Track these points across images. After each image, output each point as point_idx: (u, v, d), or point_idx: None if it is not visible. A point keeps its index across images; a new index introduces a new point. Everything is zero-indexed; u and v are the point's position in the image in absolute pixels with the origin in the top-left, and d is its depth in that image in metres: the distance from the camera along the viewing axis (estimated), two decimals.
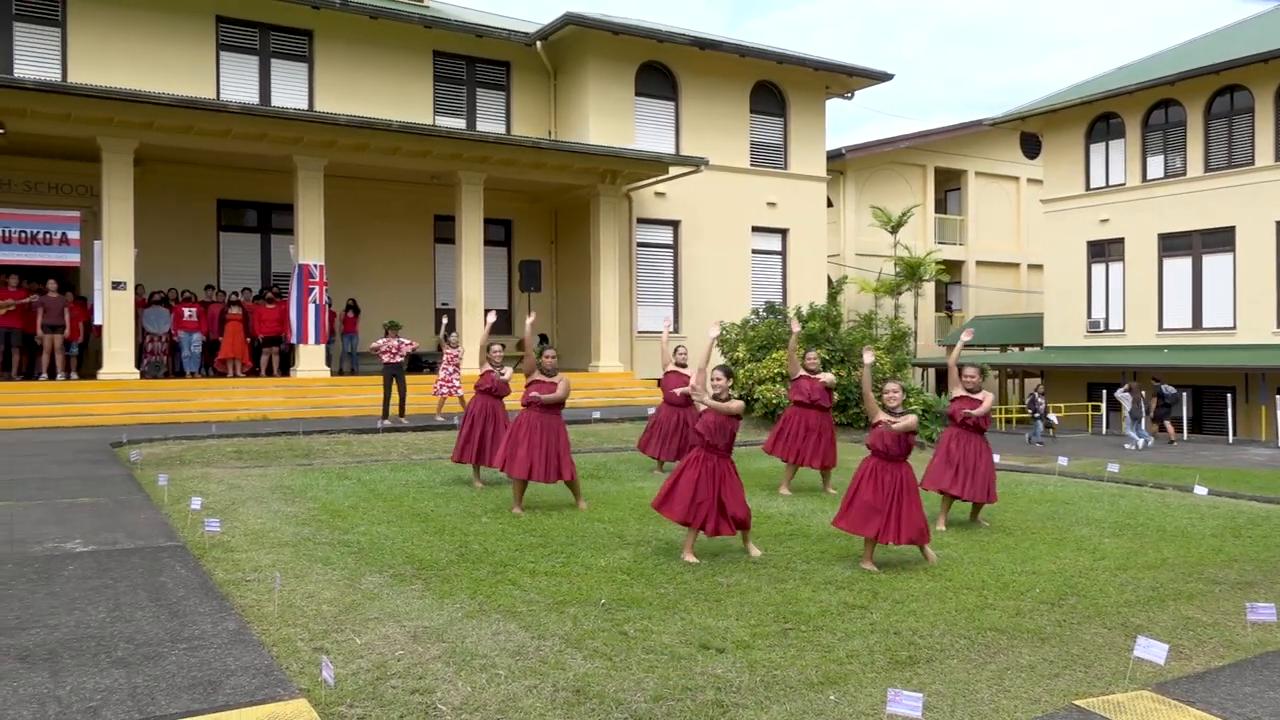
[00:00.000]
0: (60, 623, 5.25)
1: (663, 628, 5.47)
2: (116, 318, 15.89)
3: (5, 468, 10.40)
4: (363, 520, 8.37)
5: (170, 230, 18.39)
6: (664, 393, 11.92)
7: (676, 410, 11.67)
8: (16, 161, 17.11)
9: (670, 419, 11.69)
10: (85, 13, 17.96)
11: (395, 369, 14.94)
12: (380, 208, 20.63)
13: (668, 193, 22.10)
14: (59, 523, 7.78)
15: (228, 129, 16.44)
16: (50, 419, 14.31)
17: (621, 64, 21.69)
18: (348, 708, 4.25)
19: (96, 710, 4.10)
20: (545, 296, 22.29)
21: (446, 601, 5.90)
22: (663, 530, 8.18)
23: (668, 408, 11.78)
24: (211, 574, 6.37)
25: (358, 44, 20.35)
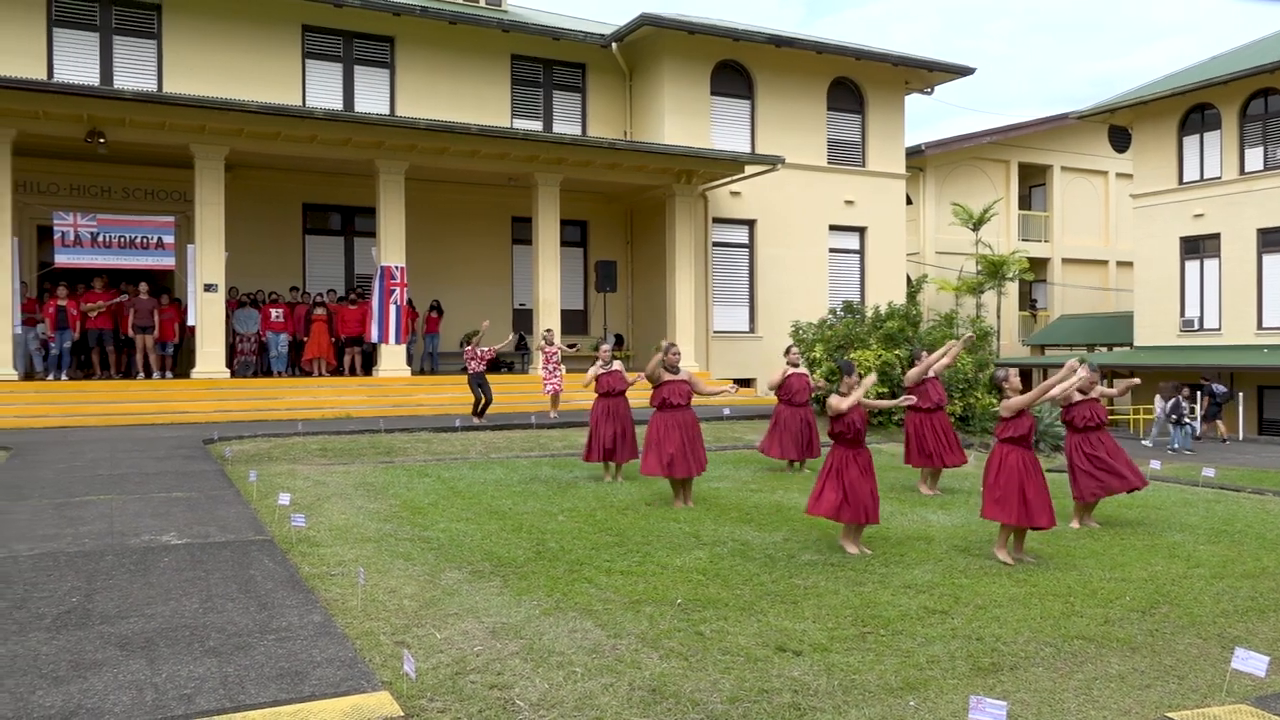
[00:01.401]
0: (156, 612, 5.45)
1: (739, 629, 5.44)
2: (208, 319, 16.47)
3: (106, 463, 10.85)
4: (442, 517, 8.51)
5: (258, 234, 18.98)
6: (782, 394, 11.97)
7: (798, 410, 11.72)
8: (116, 169, 17.85)
9: (794, 419, 11.73)
10: (179, 25, 18.64)
11: (479, 376, 15.12)
12: (459, 210, 20.96)
13: (743, 192, 21.99)
14: (155, 516, 8.08)
15: (313, 135, 16.90)
16: (147, 416, 14.89)
17: (697, 63, 21.66)
18: (428, 701, 4.33)
19: (190, 698, 4.25)
20: (621, 296, 22.39)
21: (524, 599, 5.96)
22: (739, 531, 8.15)
23: (789, 408, 11.81)
24: (298, 568, 6.54)
25: (437, 49, 20.71)
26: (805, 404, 11.92)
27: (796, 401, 11.86)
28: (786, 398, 11.95)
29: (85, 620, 5.28)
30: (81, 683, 4.38)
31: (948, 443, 10.42)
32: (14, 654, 4.73)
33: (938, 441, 10.39)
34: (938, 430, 10.43)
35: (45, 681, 4.39)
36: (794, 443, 11.77)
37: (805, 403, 11.92)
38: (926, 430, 10.45)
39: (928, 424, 10.46)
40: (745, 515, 8.93)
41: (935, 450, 10.39)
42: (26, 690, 4.28)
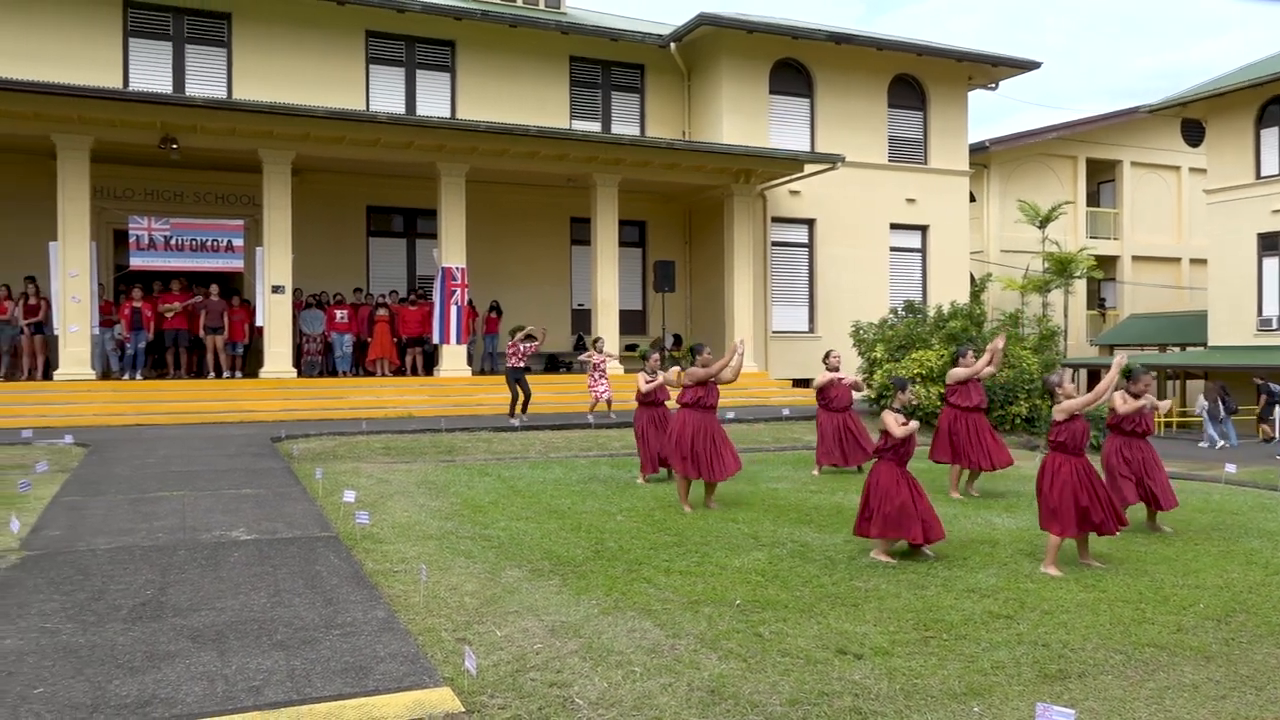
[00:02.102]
0: (226, 606, 5.59)
1: (798, 631, 5.40)
2: (276, 320, 16.85)
3: (179, 460, 11.16)
4: (502, 516, 8.60)
5: (324, 236, 19.35)
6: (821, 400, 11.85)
7: (837, 416, 11.61)
8: (188, 175, 18.35)
9: (830, 425, 11.62)
10: (248, 33, 19.10)
11: (518, 372, 15.23)
12: (518, 211, 21.14)
13: (803, 191, 21.83)
14: (225, 512, 8.29)
15: (376, 138, 17.20)
16: (218, 414, 15.28)
17: (755, 62, 21.56)
18: (489, 698, 4.37)
19: (259, 689, 4.35)
20: (679, 296, 22.37)
21: (583, 597, 5.99)
22: (798, 533, 8.10)
23: (826, 413, 11.71)
24: (362, 564, 6.66)
25: (497, 52, 20.92)
26: (845, 409, 11.78)
27: (835, 407, 11.74)
28: (825, 403, 11.84)
29: (159, 612, 5.44)
30: (156, 673, 4.51)
31: (979, 444, 10.16)
32: (93, 644, 4.90)
33: (969, 441, 10.18)
34: (970, 429, 10.21)
35: (122, 671, 4.53)
36: (832, 449, 11.63)
37: (845, 408, 11.77)
38: (960, 427, 10.24)
39: (963, 421, 10.26)
40: (805, 516, 8.87)
41: (963, 449, 10.18)
42: (104, 679, 4.43)
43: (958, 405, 10.23)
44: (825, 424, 11.75)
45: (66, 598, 5.71)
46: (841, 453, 11.63)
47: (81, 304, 15.67)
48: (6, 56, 17.20)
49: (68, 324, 15.61)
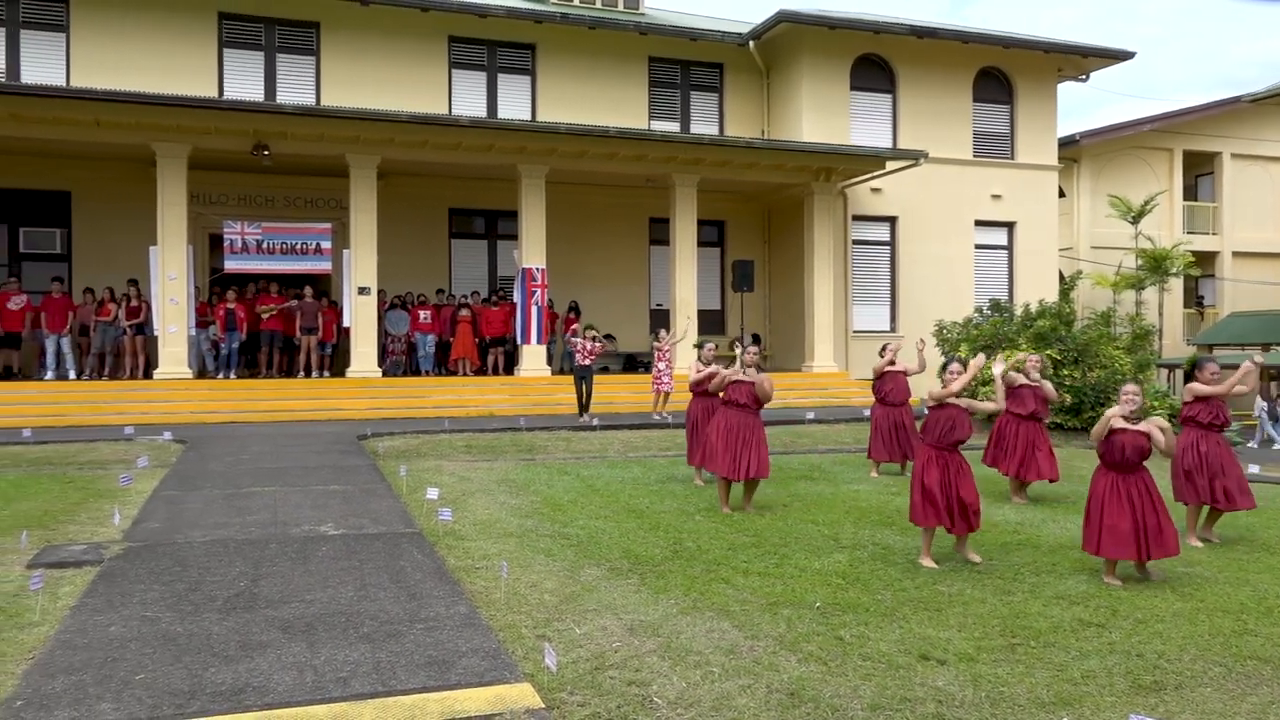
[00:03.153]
0: (315, 599, 5.75)
1: (880, 635, 5.32)
2: (362, 320, 17.28)
3: (270, 456, 11.52)
4: (581, 514, 8.66)
5: (407, 238, 19.76)
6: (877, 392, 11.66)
7: (891, 411, 11.41)
8: (278, 180, 18.92)
9: (885, 420, 11.43)
10: (336, 41, 19.61)
11: (584, 370, 15.36)
12: (598, 211, 21.27)
13: (884, 188, 21.50)
14: (314, 507, 8.53)
15: (458, 142, 17.50)
16: (307, 413, 15.72)
17: (836, 59, 21.30)
18: (568, 694, 4.41)
19: (346, 681, 4.46)
20: (758, 296, 22.24)
21: (661, 597, 6.00)
22: (879, 535, 7.98)
23: (882, 407, 11.53)
24: (445, 560, 6.78)
25: (576, 54, 21.08)
26: (900, 404, 11.55)
27: (890, 401, 11.51)
28: (881, 397, 11.64)
29: (252, 604, 5.62)
30: (249, 662, 4.67)
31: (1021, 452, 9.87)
32: (190, 633, 5.09)
33: (1016, 448, 9.90)
34: (1020, 437, 9.93)
35: (217, 660, 4.70)
36: (884, 445, 11.43)
37: (900, 403, 11.54)
38: (1009, 433, 10.00)
39: (1012, 428, 10.01)
40: (886, 519, 8.73)
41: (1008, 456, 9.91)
42: (201, 667, 4.60)
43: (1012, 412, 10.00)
44: (879, 417, 11.56)
45: (166, 588, 5.94)
46: (886, 448, 11.39)
47: (179, 306, 16.30)
48: (109, 68, 17.98)
49: (166, 325, 16.26)
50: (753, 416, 9.05)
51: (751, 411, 9.06)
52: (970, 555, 7.10)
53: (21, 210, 18.22)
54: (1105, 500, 6.65)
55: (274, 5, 19.12)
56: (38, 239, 18.36)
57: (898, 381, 11.61)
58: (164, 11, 18.52)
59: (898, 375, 11.63)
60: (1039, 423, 10.09)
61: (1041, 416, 10.15)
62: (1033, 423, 10.02)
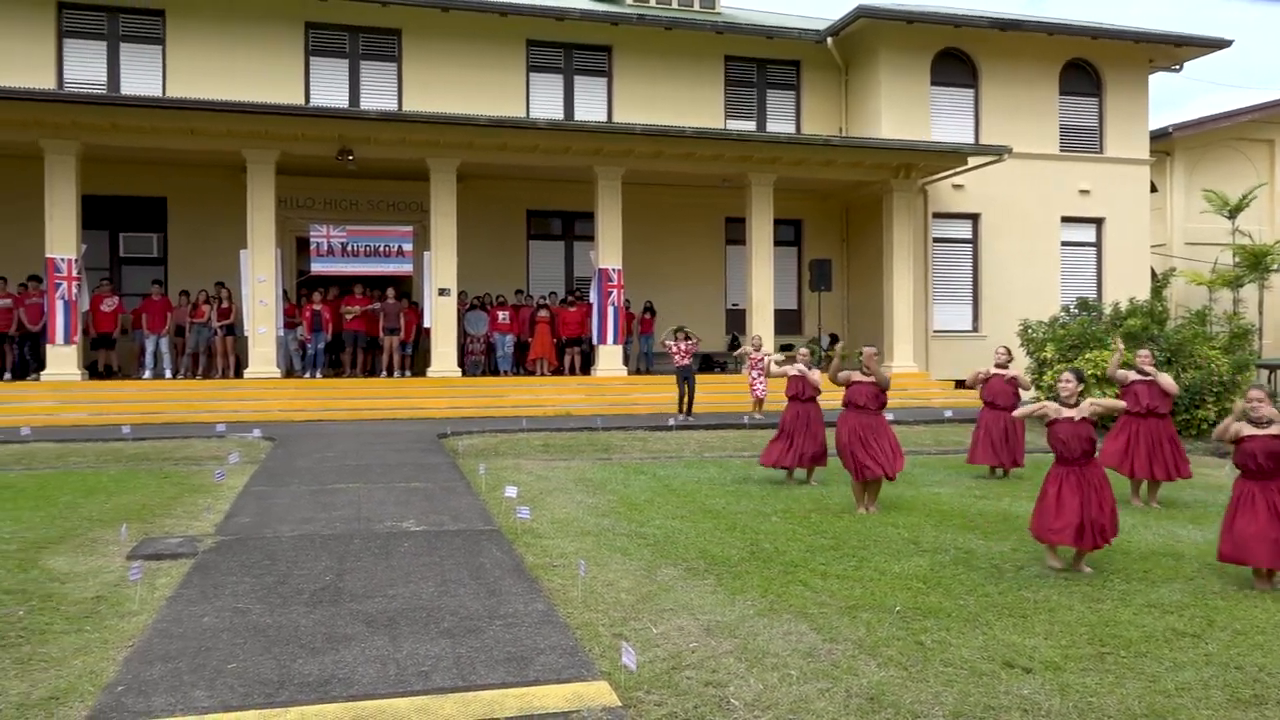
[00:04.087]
0: (398, 593, 5.87)
1: (962, 641, 5.21)
2: (442, 321, 17.59)
3: (354, 454, 11.81)
4: (658, 514, 8.67)
5: (486, 240, 20.04)
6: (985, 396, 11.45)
7: (1000, 414, 11.16)
8: (362, 184, 19.38)
9: (995, 424, 11.18)
10: (417, 47, 20.00)
11: (685, 370, 15.44)
12: (673, 212, 21.27)
13: (966, 185, 21.05)
14: (397, 504, 8.71)
15: (536, 144, 17.69)
16: (389, 411, 16.07)
17: (916, 53, 20.93)
18: (645, 694, 4.42)
19: (427, 674, 4.55)
20: (836, 296, 21.99)
21: (738, 598, 5.97)
22: (961, 539, 7.81)
23: (990, 411, 11.28)
24: (523, 558, 6.86)
25: (652, 55, 21.11)
26: (1008, 408, 11.27)
27: (998, 405, 11.26)
28: (989, 400, 11.38)
29: (337, 597, 5.76)
30: (334, 654, 4.79)
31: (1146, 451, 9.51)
32: (279, 624, 5.24)
33: (1141, 448, 9.53)
34: (1142, 435, 9.56)
35: (304, 651, 4.83)
36: (992, 449, 11.16)
37: (1009, 407, 11.25)
38: (1129, 433, 9.63)
39: (1131, 427, 9.65)
40: (969, 523, 8.55)
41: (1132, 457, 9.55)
42: (289, 658, 4.73)
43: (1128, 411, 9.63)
44: (988, 421, 11.30)
45: (255, 580, 6.13)
46: (994, 452, 11.14)
47: (268, 307, 16.81)
48: (202, 78, 18.63)
49: (256, 326, 16.78)
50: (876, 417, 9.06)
51: (875, 412, 9.05)
52: (1082, 566, 6.88)
53: (121, 216, 19.00)
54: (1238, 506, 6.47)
55: (358, 13, 19.57)
56: (136, 244, 19.13)
57: (1005, 384, 11.35)
58: (254, 23, 19.11)
59: (1004, 379, 11.37)
60: (1162, 418, 9.74)
61: (1162, 411, 9.78)
62: (1155, 419, 9.66)
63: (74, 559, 6.76)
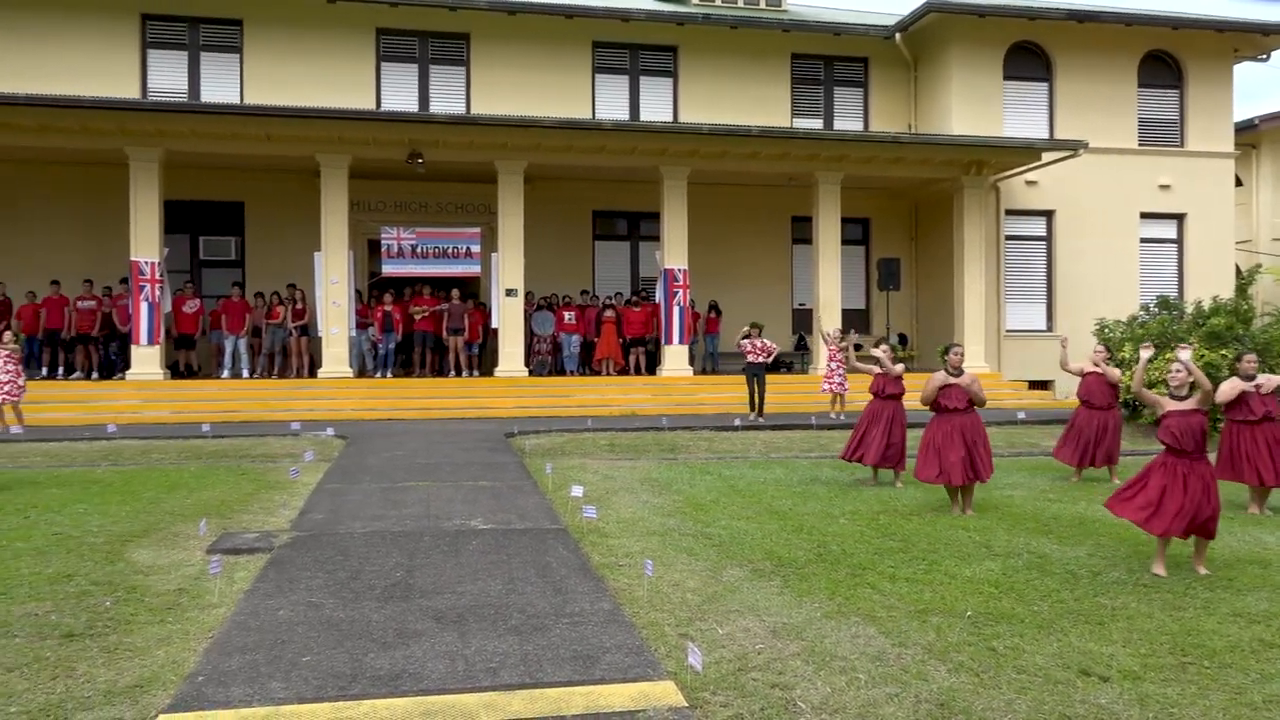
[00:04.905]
0: (466, 590, 5.95)
1: (1036, 647, 5.09)
2: (509, 321, 17.78)
3: (423, 452, 12.00)
4: (723, 515, 8.64)
5: (552, 241, 20.20)
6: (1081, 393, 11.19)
7: (1095, 413, 10.89)
8: (431, 187, 19.69)
9: (1090, 423, 10.91)
10: (485, 51, 20.24)
11: (756, 369, 15.39)
12: (739, 211, 21.20)
13: (1040, 180, 20.58)
14: (465, 502, 8.83)
15: (601, 145, 17.78)
16: (457, 410, 16.30)
17: (988, 48, 20.53)
18: (710, 694, 4.40)
19: (495, 671, 4.60)
20: (905, 295, 21.69)
21: (805, 600, 5.92)
22: (1034, 543, 7.63)
23: (1086, 410, 11.02)
24: (589, 557, 6.90)
25: (718, 54, 21.06)
26: (1107, 407, 10.95)
27: (1094, 404, 10.96)
28: (1085, 398, 11.09)
29: (407, 593, 5.86)
30: (405, 649, 4.87)
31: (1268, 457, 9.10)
32: (351, 619, 5.35)
33: (1256, 455, 9.15)
34: (1259, 442, 9.17)
35: (376, 646, 4.92)
36: (1084, 449, 10.87)
37: (1107, 406, 10.94)
38: (1242, 440, 9.26)
39: (1246, 434, 9.26)
40: (1043, 526, 8.35)
41: (1247, 464, 9.15)
42: (361, 652, 4.83)
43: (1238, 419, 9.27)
44: (1083, 420, 11.01)
45: (329, 575, 6.27)
46: (1085, 453, 10.85)
47: (341, 308, 17.18)
48: (278, 85, 19.13)
49: (329, 327, 17.16)
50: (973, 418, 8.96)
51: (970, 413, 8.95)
52: (1199, 567, 6.68)
53: (201, 220, 19.60)
54: None
55: (428, 19, 19.89)
56: (215, 247, 19.72)
57: (1102, 383, 11.07)
58: (328, 29, 19.54)
59: (1100, 377, 11.09)
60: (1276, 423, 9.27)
61: (1275, 415, 9.32)
62: (1268, 425, 9.22)
63: (157, 552, 6.99)
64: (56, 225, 18.77)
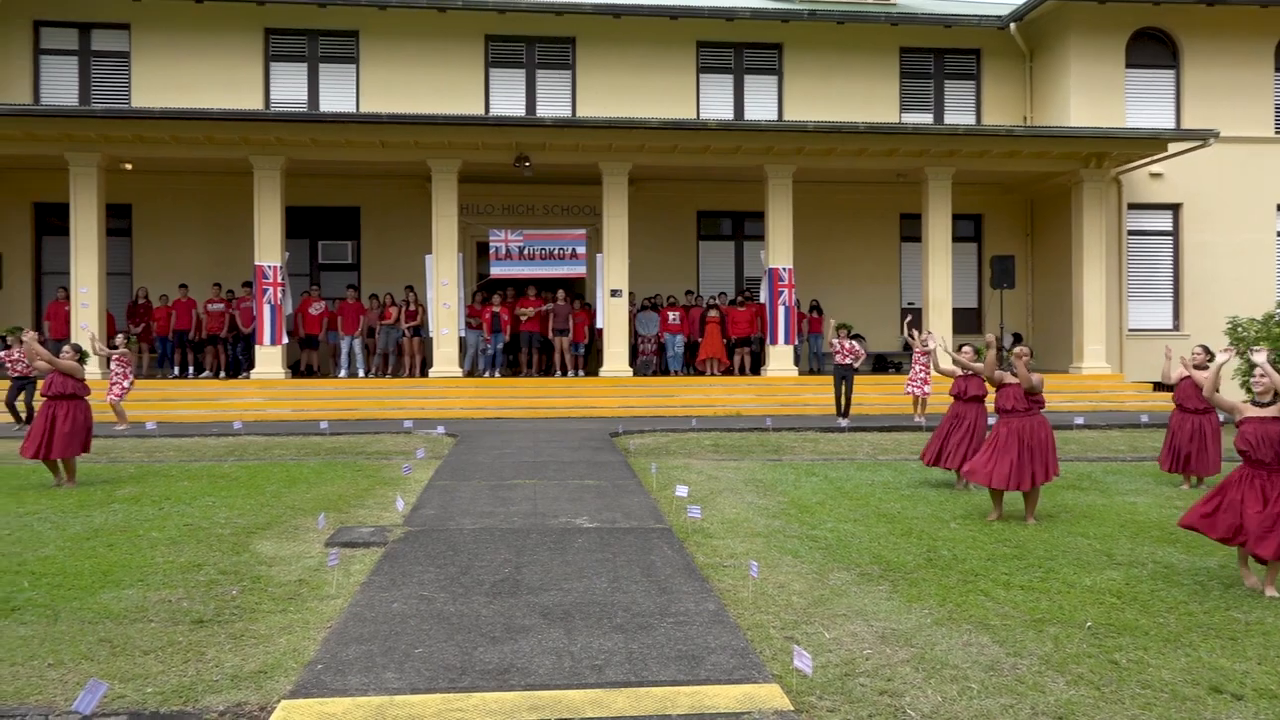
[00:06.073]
0: (572, 588, 6.02)
1: (1161, 662, 4.86)
2: (614, 322, 17.92)
3: (530, 451, 12.20)
4: (829, 517, 8.52)
5: (657, 241, 20.28)
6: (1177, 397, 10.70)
7: (1189, 417, 10.38)
8: (538, 189, 20.01)
9: (1183, 427, 10.41)
10: (590, 53, 20.46)
11: (845, 370, 15.10)
12: (845, 209, 20.88)
13: (1166, 173, 19.65)
14: (570, 500, 8.94)
15: (706, 145, 17.75)
16: (562, 410, 16.51)
17: (1109, 35, 19.70)
18: (817, 699, 4.35)
19: (600, 669, 4.64)
20: (1019, 293, 21.00)
21: (914, 606, 5.79)
22: (1160, 552, 7.29)
23: (1180, 414, 10.53)
24: (694, 557, 6.89)
25: (824, 50, 20.79)
26: (1202, 411, 10.39)
27: (1188, 407, 10.42)
28: (1180, 401, 10.55)
29: (515, 589, 5.97)
30: (512, 644, 4.96)
31: None
32: (461, 613, 5.47)
33: None
34: None
35: (485, 640, 5.02)
36: (1177, 454, 10.34)
37: (1202, 409, 10.38)
38: None
39: None
40: (1169, 535, 7.96)
41: None
42: (470, 646, 4.94)
43: None
44: (1176, 424, 10.52)
45: (439, 570, 6.43)
46: (1178, 458, 10.32)
47: (451, 310, 17.61)
48: (387, 89, 19.75)
49: (440, 327, 17.61)
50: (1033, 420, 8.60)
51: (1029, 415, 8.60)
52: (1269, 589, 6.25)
53: (320, 225, 20.37)
54: None
55: (535, 24, 20.22)
56: (333, 251, 20.47)
57: (1195, 386, 10.55)
58: (439, 38, 20.06)
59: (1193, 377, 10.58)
60: None
61: None
62: None
63: (279, 544, 7.29)
64: (185, 232, 19.79)
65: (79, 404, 10.01)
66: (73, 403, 9.94)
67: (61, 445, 9.76)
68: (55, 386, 9.93)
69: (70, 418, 9.83)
